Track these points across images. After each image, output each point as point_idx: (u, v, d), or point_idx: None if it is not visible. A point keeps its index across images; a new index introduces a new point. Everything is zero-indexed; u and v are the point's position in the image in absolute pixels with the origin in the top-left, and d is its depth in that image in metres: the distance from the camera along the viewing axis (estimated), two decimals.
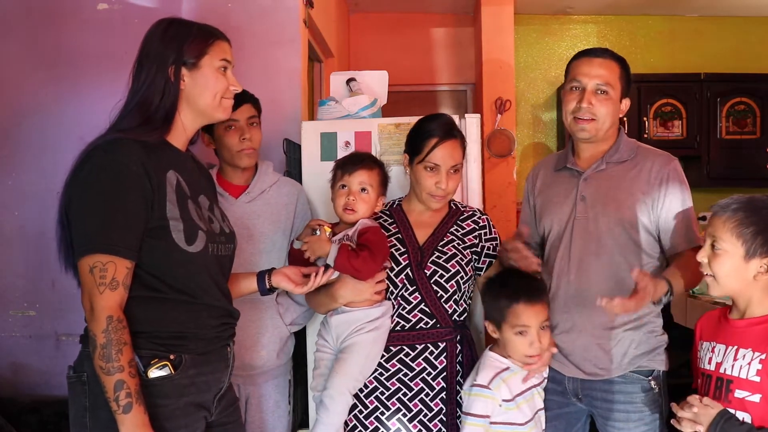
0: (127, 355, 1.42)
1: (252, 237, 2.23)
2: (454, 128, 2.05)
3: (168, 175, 1.56)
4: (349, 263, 1.87)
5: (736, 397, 1.58)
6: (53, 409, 2.64)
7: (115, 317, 1.43)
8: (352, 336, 1.95)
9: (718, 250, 1.65)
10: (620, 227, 1.95)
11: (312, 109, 3.54)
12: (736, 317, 1.68)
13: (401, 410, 1.96)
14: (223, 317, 1.67)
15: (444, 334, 1.99)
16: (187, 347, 1.56)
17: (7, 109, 2.92)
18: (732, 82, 4.93)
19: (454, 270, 2.00)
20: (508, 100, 4.60)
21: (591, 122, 1.96)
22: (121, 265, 1.46)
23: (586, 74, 1.97)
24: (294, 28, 2.99)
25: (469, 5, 5.01)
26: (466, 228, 2.07)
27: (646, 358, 1.95)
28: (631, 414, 1.93)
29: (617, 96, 1.98)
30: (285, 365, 2.33)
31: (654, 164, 1.97)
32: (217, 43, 1.67)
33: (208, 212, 1.68)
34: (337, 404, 1.91)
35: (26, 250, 2.89)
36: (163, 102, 1.59)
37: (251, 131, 2.22)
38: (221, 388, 1.67)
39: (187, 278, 1.57)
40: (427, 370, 1.97)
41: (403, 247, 2.04)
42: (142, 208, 1.49)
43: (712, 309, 3.07)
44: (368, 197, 1.99)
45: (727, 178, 4.88)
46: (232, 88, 1.68)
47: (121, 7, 2.92)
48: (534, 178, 2.21)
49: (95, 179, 1.49)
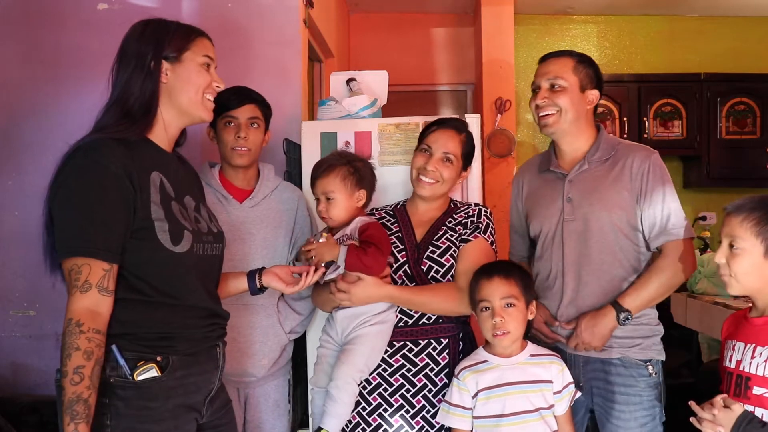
0: (75, 361, 1.39)
1: (254, 242, 2.22)
2: (459, 123, 2.13)
3: (152, 176, 1.54)
4: (359, 261, 1.88)
5: (754, 394, 1.59)
6: (53, 409, 2.60)
7: (74, 320, 1.41)
8: (357, 329, 1.96)
9: (736, 249, 1.65)
10: (609, 226, 1.99)
11: (312, 109, 3.54)
12: (755, 315, 1.70)
13: (404, 407, 1.97)
14: (212, 317, 1.65)
15: (446, 330, 2.01)
16: (174, 348, 1.53)
17: (7, 109, 2.92)
18: (732, 82, 4.93)
19: (448, 264, 2.01)
20: (508, 100, 4.61)
21: (551, 116, 2.04)
22: (97, 267, 1.43)
23: (539, 75, 2.11)
24: (294, 28, 2.99)
25: (469, 5, 5.01)
26: (458, 219, 2.08)
27: (643, 345, 1.99)
28: (631, 396, 1.96)
29: (575, 87, 2.04)
30: (284, 366, 2.33)
31: (635, 159, 2.01)
32: (199, 39, 1.65)
33: (195, 212, 1.66)
34: (343, 393, 1.92)
35: (26, 250, 2.88)
36: (142, 94, 1.56)
37: (250, 132, 2.21)
38: (211, 389, 1.64)
39: (173, 279, 1.54)
40: (430, 365, 1.98)
41: (402, 244, 2.06)
42: (122, 209, 1.47)
43: (711, 309, 3.08)
44: (337, 202, 1.99)
45: (727, 178, 4.89)
46: (215, 84, 1.66)
47: (121, 7, 2.93)
48: (520, 183, 2.25)
49: (74, 181, 1.47)
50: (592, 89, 2.07)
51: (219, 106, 1.95)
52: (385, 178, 2.37)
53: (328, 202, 1.99)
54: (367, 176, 2.05)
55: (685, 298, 3.35)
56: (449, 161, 2.05)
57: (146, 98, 1.57)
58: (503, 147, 4.56)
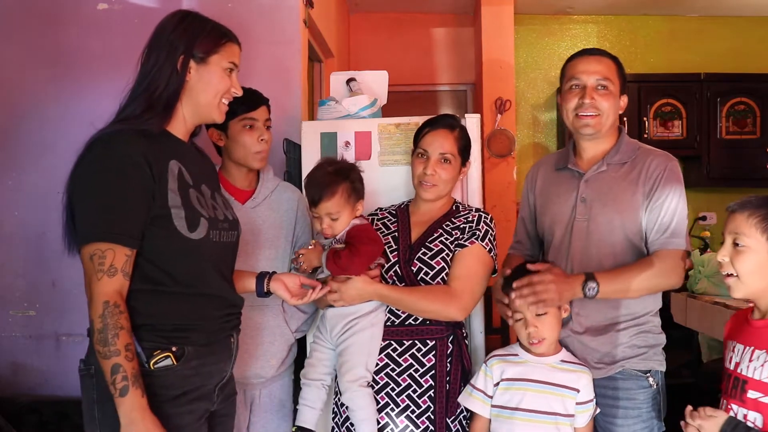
0: (123, 339, 1.43)
1: (258, 242, 2.22)
2: (450, 119, 2.12)
3: (170, 164, 1.58)
4: (334, 264, 1.91)
5: (749, 397, 1.57)
6: (53, 409, 2.64)
7: (111, 302, 1.44)
8: (348, 336, 1.96)
9: (741, 246, 1.61)
10: (619, 230, 1.96)
11: (312, 109, 3.54)
12: (757, 317, 1.67)
13: (389, 404, 1.97)
14: (227, 307, 1.69)
15: (434, 332, 1.99)
16: (190, 339, 1.57)
17: (7, 109, 2.92)
18: (732, 82, 4.93)
19: (438, 267, 2.00)
20: (508, 100, 4.61)
21: (595, 117, 1.98)
22: (120, 253, 1.47)
23: (584, 71, 2.00)
24: (294, 28, 2.99)
25: (469, 5, 5.01)
26: (456, 223, 2.07)
27: (644, 356, 1.96)
28: (629, 410, 1.94)
29: (617, 91, 2.00)
30: (290, 367, 2.34)
31: (652, 163, 1.98)
32: (228, 44, 1.68)
33: (211, 200, 1.69)
34: (358, 400, 1.94)
35: (26, 250, 2.89)
36: (166, 90, 1.60)
37: (267, 134, 2.22)
38: (224, 377, 1.68)
39: (189, 267, 1.58)
40: (414, 366, 1.97)
41: (396, 244, 2.06)
42: (142, 196, 1.51)
43: (711, 309, 3.07)
44: (342, 220, 1.97)
45: (727, 178, 4.89)
46: (233, 90, 1.70)
47: (121, 7, 2.92)
48: (534, 176, 2.21)
49: (95, 170, 1.50)
50: (623, 94, 2.04)
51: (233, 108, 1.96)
52: (385, 179, 2.37)
53: (333, 222, 1.97)
54: (361, 183, 2.03)
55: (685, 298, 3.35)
56: (447, 161, 2.05)
57: (170, 93, 1.61)
58: (503, 147, 4.56)
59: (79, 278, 1.55)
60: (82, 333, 1.53)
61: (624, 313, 1.96)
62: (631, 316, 1.96)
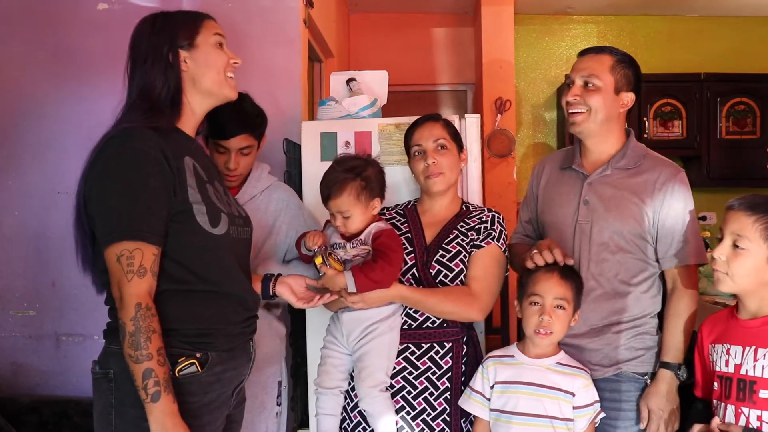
0: (155, 343, 1.40)
1: None
2: (432, 114, 2.13)
3: (185, 160, 1.56)
4: (369, 280, 1.84)
5: (761, 397, 1.55)
6: (53, 409, 2.64)
7: (143, 305, 1.41)
8: (368, 340, 1.93)
9: (741, 249, 1.60)
10: (620, 235, 1.95)
11: (312, 109, 3.54)
12: (747, 317, 1.65)
13: (405, 408, 1.96)
14: (247, 311, 1.67)
15: (450, 334, 1.99)
16: (213, 345, 1.55)
17: (7, 109, 2.92)
18: (732, 82, 4.92)
19: (458, 269, 1.99)
20: (508, 100, 4.60)
21: (580, 115, 1.98)
22: (148, 252, 1.44)
23: (575, 70, 2.02)
24: (294, 28, 2.99)
25: (469, 5, 5.01)
26: (471, 224, 2.06)
27: (642, 358, 1.96)
28: (627, 412, 1.94)
29: (609, 87, 1.98)
30: (275, 368, 2.29)
31: (660, 175, 1.96)
32: (205, 21, 1.67)
33: (225, 197, 1.69)
34: (378, 405, 1.91)
35: (26, 250, 2.89)
36: (166, 85, 1.58)
37: (240, 159, 2.18)
38: (241, 381, 1.69)
39: (212, 262, 1.56)
40: (432, 369, 1.97)
41: (411, 246, 2.04)
42: (163, 192, 1.48)
43: (711, 309, 3.07)
44: (354, 218, 1.93)
45: (727, 178, 4.88)
46: (232, 61, 1.68)
47: (121, 7, 2.93)
48: (540, 171, 2.20)
49: (113, 168, 1.47)
50: (628, 91, 2.00)
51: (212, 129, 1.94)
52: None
53: (345, 219, 1.94)
54: (378, 182, 1.99)
55: None
56: (444, 147, 2.04)
57: (171, 89, 1.59)
58: (503, 147, 4.56)
59: (80, 278, 1.55)
60: (82, 333, 1.53)
61: (622, 315, 1.96)
62: (629, 318, 1.96)
